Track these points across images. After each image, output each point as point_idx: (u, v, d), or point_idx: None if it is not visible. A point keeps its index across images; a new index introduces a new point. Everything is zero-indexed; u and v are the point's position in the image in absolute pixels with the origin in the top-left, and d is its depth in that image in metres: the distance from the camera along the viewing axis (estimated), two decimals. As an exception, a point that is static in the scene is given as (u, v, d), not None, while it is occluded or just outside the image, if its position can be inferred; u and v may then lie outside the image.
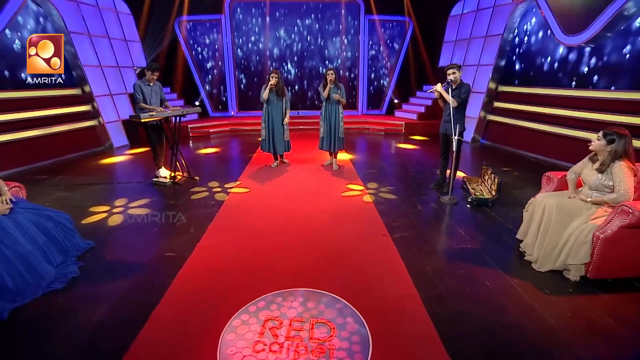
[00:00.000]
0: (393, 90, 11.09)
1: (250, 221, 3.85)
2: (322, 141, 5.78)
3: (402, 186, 5.10)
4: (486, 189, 4.68)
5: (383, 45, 10.76)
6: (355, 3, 10.24)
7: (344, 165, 6.08)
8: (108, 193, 4.83)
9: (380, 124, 9.79)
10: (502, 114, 7.79)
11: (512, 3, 7.19)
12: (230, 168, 6.12)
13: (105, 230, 3.63)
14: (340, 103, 5.55)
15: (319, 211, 4.12)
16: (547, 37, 6.68)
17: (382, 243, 3.36)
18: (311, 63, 10.70)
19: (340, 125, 5.61)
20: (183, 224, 3.78)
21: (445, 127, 4.68)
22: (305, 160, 6.47)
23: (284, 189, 4.94)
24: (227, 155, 7.34)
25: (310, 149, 7.40)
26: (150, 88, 5.08)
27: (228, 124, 9.72)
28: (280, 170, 5.83)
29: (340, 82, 5.62)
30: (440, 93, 4.58)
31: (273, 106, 5.60)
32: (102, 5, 7.70)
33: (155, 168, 5.41)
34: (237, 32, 10.34)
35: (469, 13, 8.34)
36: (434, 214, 4.17)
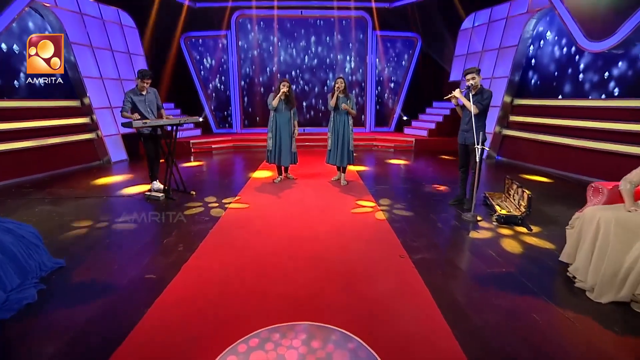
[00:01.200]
0: (402, 107, 10.77)
1: (247, 240, 3.38)
2: (330, 155, 5.36)
3: (417, 202, 4.62)
4: (513, 205, 4.18)
5: (391, 62, 10.54)
6: (363, 19, 10.10)
7: (353, 181, 5.63)
8: (95, 207, 4.41)
9: (389, 140, 9.39)
10: (519, 128, 7.37)
11: (527, 13, 6.90)
12: (230, 183, 5.70)
13: (83, 247, 3.18)
14: (350, 114, 5.17)
15: (326, 229, 3.64)
16: (567, 45, 6.33)
17: (401, 266, 2.86)
18: (318, 80, 10.48)
19: (350, 137, 5.21)
20: (171, 241, 3.32)
21: (464, 136, 4.25)
22: (311, 175, 6.04)
23: (288, 205, 4.49)
24: (228, 170, 6.94)
25: (317, 164, 6.99)
26: (144, 97, 4.75)
27: (231, 140, 9.40)
28: (284, 185, 5.40)
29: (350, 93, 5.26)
30: (459, 100, 4.19)
31: (281, 115, 5.24)
32: (107, 18, 7.59)
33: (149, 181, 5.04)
34: (243, 48, 10.20)
35: (480, 26, 8.09)
36: (456, 232, 3.67)
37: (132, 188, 5.23)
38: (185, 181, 5.02)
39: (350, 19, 10.09)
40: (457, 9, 8.60)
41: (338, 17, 10.05)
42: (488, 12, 7.87)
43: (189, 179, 5.75)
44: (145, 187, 5.15)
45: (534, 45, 7.16)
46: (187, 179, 5.65)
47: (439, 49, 9.80)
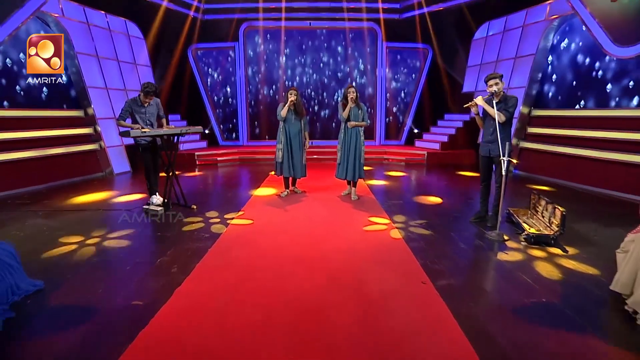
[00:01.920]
0: (412, 120, 10.48)
1: (249, 261, 3.05)
2: (340, 168, 5.04)
3: (435, 219, 4.25)
4: (542, 223, 3.79)
5: (401, 73, 10.31)
6: (373, 30, 9.93)
7: (364, 196, 5.29)
8: (90, 221, 4.12)
9: (400, 154, 9.07)
10: (537, 141, 7.00)
11: (545, 20, 6.62)
12: (233, 197, 5.40)
13: (68, 267, 2.88)
14: (361, 126, 4.87)
15: (337, 249, 3.29)
16: (589, 53, 6.00)
17: (424, 294, 2.49)
18: (327, 91, 10.27)
19: (361, 150, 4.89)
20: (165, 261, 3.00)
21: (488, 148, 3.90)
22: (320, 189, 5.72)
23: (295, 221, 4.16)
24: (232, 184, 6.65)
25: (326, 177, 6.68)
26: (144, 109, 4.51)
27: (237, 152, 9.17)
28: (291, 200, 5.08)
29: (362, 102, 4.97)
30: (481, 108, 3.87)
31: (291, 125, 4.98)
32: (114, 28, 7.51)
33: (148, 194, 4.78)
34: (251, 59, 10.08)
35: (495, 35, 7.82)
36: (482, 253, 3.29)
37: (131, 201, 4.96)
38: (186, 194, 4.73)
39: (360, 31, 9.93)
40: (470, 19, 8.37)
41: (347, 29, 9.90)
42: (502, 21, 7.62)
43: (190, 192, 5.47)
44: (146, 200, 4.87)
45: (552, 54, 6.85)
46: (189, 192, 5.38)
47: (451, 59, 9.55)
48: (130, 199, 5.18)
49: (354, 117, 4.84)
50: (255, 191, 5.62)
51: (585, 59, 6.12)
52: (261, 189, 5.78)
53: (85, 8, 6.86)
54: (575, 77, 6.31)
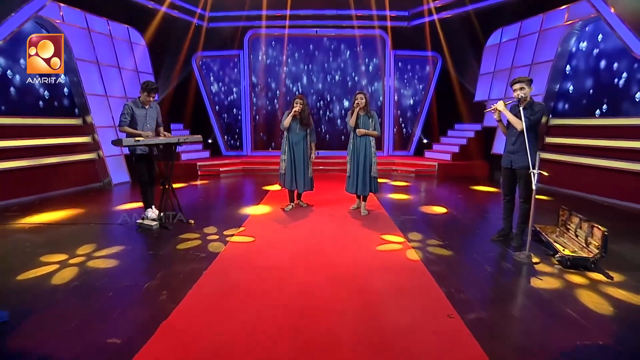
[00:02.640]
0: (422, 130, 10.14)
1: (248, 285, 2.69)
2: (349, 182, 4.69)
3: (454, 237, 3.87)
4: (576, 243, 3.39)
5: (410, 82, 10.02)
6: (381, 38, 9.69)
7: (374, 210, 4.92)
8: (77, 237, 3.80)
9: (409, 165, 8.71)
10: (557, 151, 6.61)
11: (564, 25, 6.30)
12: (235, 211, 5.05)
13: (42, 293, 2.53)
14: (372, 136, 4.53)
15: (348, 273, 2.92)
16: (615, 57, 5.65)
17: (452, 330, 2.10)
18: (334, 100, 10.00)
19: (373, 162, 4.53)
20: (154, 285, 2.65)
21: (510, 159, 3.54)
22: (327, 202, 5.37)
23: (300, 239, 3.79)
24: (234, 196, 6.31)
25: (333, 190, 6.34)
26: (145, 111, 4.25)
27: (241, 162, 8.86)
28: (296, 214, 4.73)
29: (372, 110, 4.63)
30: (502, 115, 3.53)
31: (295, 135, 4.66)
32: (116, 35, 7.33)
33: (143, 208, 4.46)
34: (256, 68, 9.87)
35: (509, 41, 7.51)
36: (513, 279, 2.90)
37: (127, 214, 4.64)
38: (184, 208, 4.41)
39: (367, 38, 9.70)
40: (481, 26, 8.09)
41: (354, 37, 9.67)
42: (517, 26, 7.32)
43: (189, 205, 5.16)
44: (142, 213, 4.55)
45: (572, 60, 6.51)
46: (188, 205, 5.07)
47: (461, 67, 9.25)
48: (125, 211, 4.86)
49: (363, 125, 4.50)
50: (258, 205, 5.28)
51: (609, 64, 5.77)
52: (264, 203, 5.44)
53: (87, 14, 6.68)
54: (597, 83, 5.95)
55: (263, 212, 4.87)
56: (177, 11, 8.55)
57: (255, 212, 4.83)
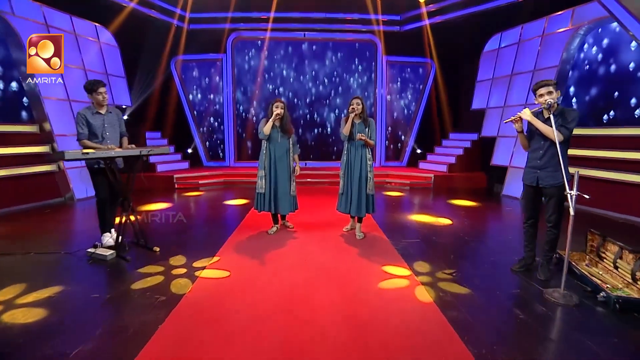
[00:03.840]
0: (415, 139, 9.66)
1: (215, 349, 2.02)
2: (342, 200, 4.08)
3: (467, 267, 3.29)
4: (617, 277, 2.86)
5: (403, 89, 9.55)
6: (372, 43, 9.22)
7: (371, 233, 4.31)
8: (6, 273, 3.06)
9: (403, 177, 8.17)
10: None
11: (571, 29, 5.90)
12: (210, 234, 4.35)
13: None
14: (367, 145, 3.95)
15: (345, 324, 2.29)
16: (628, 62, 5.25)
17: None
18: (322, 108, 9.44)
19: (369, 177, 3.92)
20: (84, 353, 1.96)
21: (535, 175, 3.00)
22: (316, 224, 4.74)
23: (285, 274, 3.14)
24: (212, 215, 5.57)
25: (323, 207, 5.72)
26: (102, 118, 3.58)
27: (222, 174, 8.17)
28: (281, 239, 4.08)
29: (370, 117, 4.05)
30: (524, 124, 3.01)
31: (277, 146, 4.03)
32: (81, 33, 6.59)
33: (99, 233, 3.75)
34: (239, 73, 9.24)
35: (508, 47, 7.10)
36: (556, 331, 2.31)
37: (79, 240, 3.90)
38: (152, 231, 3.77)
39: (358, 43, 9.21)
40: (479, 30, 7.69)
41: (344, 41, 9.18)
42: (517, 30, 6.92)
43: (158, 228, 4.47)
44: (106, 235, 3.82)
45: (579, 65, 6.12)
46: (156, 228, 4.38)
47: (457, 74, 8.85)
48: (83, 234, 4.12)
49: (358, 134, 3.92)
50: (238, 226, 4.60)
51: (620, 68, 5.38)
52: (245, 222, 4.77)
53: (44, 7, 5.94)
54: (609, 90, 5.54)
55: (243, 235, 4.20)
56: (154, 10, 7.89)
57: (234, 235, 4.16)
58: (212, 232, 4.38)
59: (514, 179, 6.78)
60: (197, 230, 4.53)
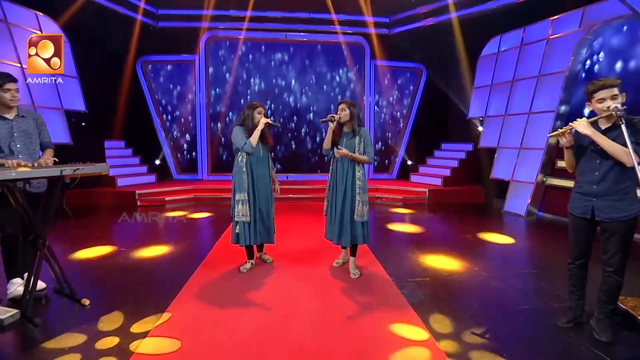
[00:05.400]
0: (405, 150, 8.99)
1: None
2: (328, 225, 3.28)
3: (498, 322, 2.51)
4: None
5: (392, 96, 8.89)
6: (359, 45, 8.54)
7: (367, 267, 3.50)
8: None
9: (395, 191, 7.44)
10: (569, 176, 5.60)
11: (580, 30, 5.35)
12: (161, 277, 3.37)
13: None
14: (357, 161, 3.13)
15: None
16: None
17: None
18: (304, 116, 8.64)
19: (357, 200, 3.09)
20: None
21: (592, 205, 2.28)
22: (300, 253, 3.89)
23: (259, 337, 2.28)
24: (171, 245, 4.49)
25: (306, 228, 4.89)
26: (8, 124, 2.66)
27: (193, 189, 7.21)
28: (255, 280, 3.20)
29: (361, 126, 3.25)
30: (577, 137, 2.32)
31: (259, 161, 3.24)
32: (15, 21, 5.51)
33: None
34: (214, 76, 8.35)
35: (509, 50, 6.53)
36: None
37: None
38: (85, 273, 2.82)
39: (344, 46, 8.50)
40: (476, 33, 7.12)
41: (329, 43, 8.45)
42: (519, 33, 6.35)
43: (93, 269, 3.49)
44: (1, 286, 2.85)
45: (590, 69, 5.58)
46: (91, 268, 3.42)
47: (450, 80, 8.26)
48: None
49: (347, 147, 3.11)
50: (203, 261, 3.68)
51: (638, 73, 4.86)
52: (213, 255, 3.86)
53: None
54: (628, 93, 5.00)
55: (208, 274, 3.30)
56: (113, 3, 6.94)
57: (194, 277, 3.25)
58: (168, 272, 3.43)
59: (516, 194, 6.16)
60: (146, 270, 3.51)
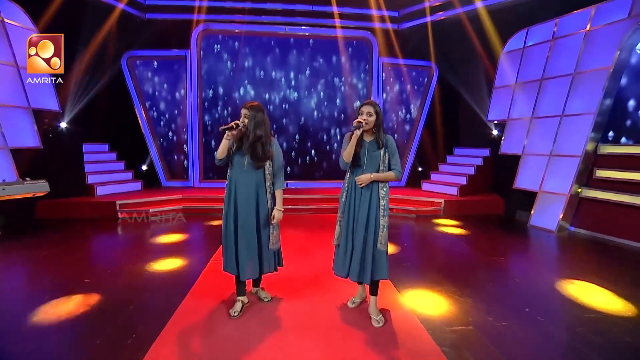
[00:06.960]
0: (415, 155, 8.28)
1: None
2: (339, 257, 2.54)
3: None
4: None
5: (402, 96, 8.19)
6: (366, 41, 7.83)
7: (392, 312, 2.73)
8: None
9: (407, 202, 6.69)
10: (609, 188, 4.92)
11: (630, 19, 4.64)
12: (135, 316, 2.63)
13: None
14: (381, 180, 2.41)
15: None
16: None
17: None
18: (306, 118, 7.91)
19: (381, 225, 2.39)
20: None
21: None
22: (305, 285, 3.13)
23: None
24: (147, 277, 3.70)
25: (311, 246, 4.14)
26: None
27: (182, 199, 6.44)
28: (249, 326, 2.45)
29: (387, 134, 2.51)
30: None
31: (241, 175, 2.48)
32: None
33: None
34: (207, 73, 7.61)
35: (538, 45, 5.79)
36: None
37: None
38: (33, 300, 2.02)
39: (349, 41, 7.80)
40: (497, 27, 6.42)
41: (333, 38, 7.74)
42: (550, 25, 5.63)
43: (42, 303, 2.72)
44: None
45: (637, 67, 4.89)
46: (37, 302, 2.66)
47: (466, 80, 7.56)
48: None
49: (370, 161, 2.41)
50: (184, 299, 2.91)
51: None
52: (196, 292, 3.09)
53: None
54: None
55: (189, 319, 2.54)
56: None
57: (174, 320, 2.49)
58: (141, 311, 2.67)
59: (545, 207, 5.43)
60: (114, 310, 2.73)
